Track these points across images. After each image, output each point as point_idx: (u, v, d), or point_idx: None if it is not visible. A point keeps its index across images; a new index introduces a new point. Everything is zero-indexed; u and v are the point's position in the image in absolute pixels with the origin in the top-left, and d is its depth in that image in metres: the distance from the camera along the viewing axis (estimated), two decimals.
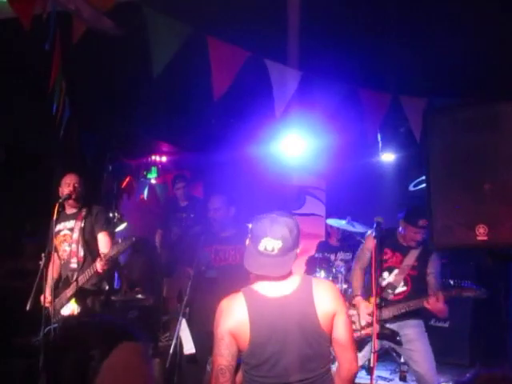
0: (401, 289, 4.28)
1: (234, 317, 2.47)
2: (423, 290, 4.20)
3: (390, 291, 4.25)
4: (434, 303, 3.95)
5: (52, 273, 4.47)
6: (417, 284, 4.25)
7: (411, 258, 4.26)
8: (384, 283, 4.27)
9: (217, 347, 2.47)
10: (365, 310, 4.21)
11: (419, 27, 3.44)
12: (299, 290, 2.52)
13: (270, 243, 2.46)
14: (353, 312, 4.25)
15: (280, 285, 2.52)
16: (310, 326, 2.46)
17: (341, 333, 2.52)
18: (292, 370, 2.44)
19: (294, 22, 3.11)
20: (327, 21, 3.37)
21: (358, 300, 4.28)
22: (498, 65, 3.85)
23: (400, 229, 4.34)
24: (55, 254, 4.58)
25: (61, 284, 4.57)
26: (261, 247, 2.47)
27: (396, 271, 4.26)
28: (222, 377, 2.43)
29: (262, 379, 2.47)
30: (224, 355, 2.44)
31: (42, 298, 4.44)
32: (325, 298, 2.51)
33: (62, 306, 4.47)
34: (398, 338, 4.14)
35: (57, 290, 4.48)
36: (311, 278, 2.62)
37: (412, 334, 4.16)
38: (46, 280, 4.38)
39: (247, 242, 2.60)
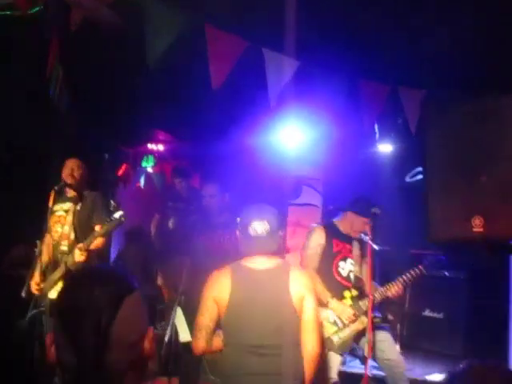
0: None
1: (218, 283, 2.87)
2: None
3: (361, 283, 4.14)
4: (397, 292, 4.02)
5: (44, 257, 4.45)
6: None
7: (357, 247, 4.19)
8: (344, 273, 4.16)
9: (199, 309, 2.87)
10: (344, 310, 4.04)
11: (418, 19, 3.43)
12: (278, 267, 2.91)
13: (259, 225, 2.85)
14: (327, 311, 4.06)
15: (263, 261, 2.90)
16: (283, 298, 2.79)
17: (308, 315, 2.81)
18: (265, 334, 2.75)
19: (292, 13, 3.11)
20: (326, 12, 3.36)
21: (333, 303, 4.05)
22: (497, 58, 3.84)
23: (338, 218, 4.30)
24: (48, 236, 4.57)
25: (50, 267, 4.52)
26: (251, 231, 2.87)
27: (351, 261, 4.17)
28: (199, 333, 2.83)
29: (238, 340, 2.79)
30: (204, 315, 2.83)
31: (32, 283, 4.37)
32: (298, 280, 2.86)
33: (50, 288, 4.40)
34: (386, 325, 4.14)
35: (46, 274, 4.44)
36: (290, 263, 3.07)
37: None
38: (36, 265, 4.35)
39: (237, 232, 2.97)
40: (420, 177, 5.87)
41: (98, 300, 1.23)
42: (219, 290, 2.84)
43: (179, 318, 4.19)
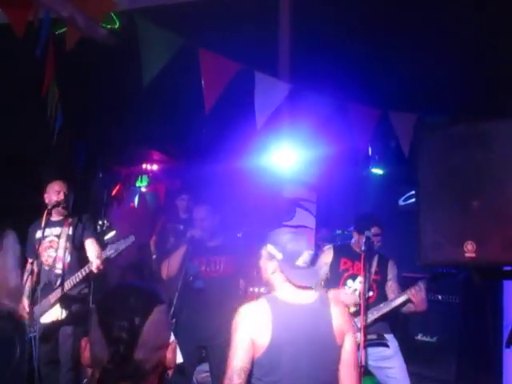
0: (368, 294, 4.20)
1: (256, 320, 2.56)
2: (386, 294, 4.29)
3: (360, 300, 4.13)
4: (417, 293, 4.03)
5: (32, 282, 4.42)
6: (381, 288, 4.30)
7: (373, 264, 4.29)
8: (350, 291, 4.26)
9: (234, 350, 2.52)
10: (346, 296, 4.15)
11: (410, 44, 3.46)
12: (319, 300, 2.68)
13: (308, 255, 2.68)
14: None
15: (301, 293, 2.67)
16: (325, 334, 2.59)
17: (348, 353, 2.62)
18: (303, 376, 2.52)
19: (285, 36, 3.13)
20: (318, 35, 3.39)
21: (332, 291, 4.11)
22: (489, 82, 3.87)
23: (353, 240, 4.39)
24: (34, 262, 4.43)
25: (40, 290, 4.41)
26: (299, 262, 2.66)
27: (360, 279, 4.16)
28: (238, 378, 2.45)
29: (277, 378, 2.51)
30: (241, 357, 2.49)
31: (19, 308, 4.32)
32: (339, 314, 2.67)
33: (44, 312, 4.38)
34: (384, 341, 4.10)
35: (34, 297, 4.32)
36: (327, 295, 2.85)
37: (388, 351, 4.12)
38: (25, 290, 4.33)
39: (274, 263, 2.70)
40: (413, 200, 5.87)
41: (132, 305, 1.44)
42: (258, 326, 2.55)
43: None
